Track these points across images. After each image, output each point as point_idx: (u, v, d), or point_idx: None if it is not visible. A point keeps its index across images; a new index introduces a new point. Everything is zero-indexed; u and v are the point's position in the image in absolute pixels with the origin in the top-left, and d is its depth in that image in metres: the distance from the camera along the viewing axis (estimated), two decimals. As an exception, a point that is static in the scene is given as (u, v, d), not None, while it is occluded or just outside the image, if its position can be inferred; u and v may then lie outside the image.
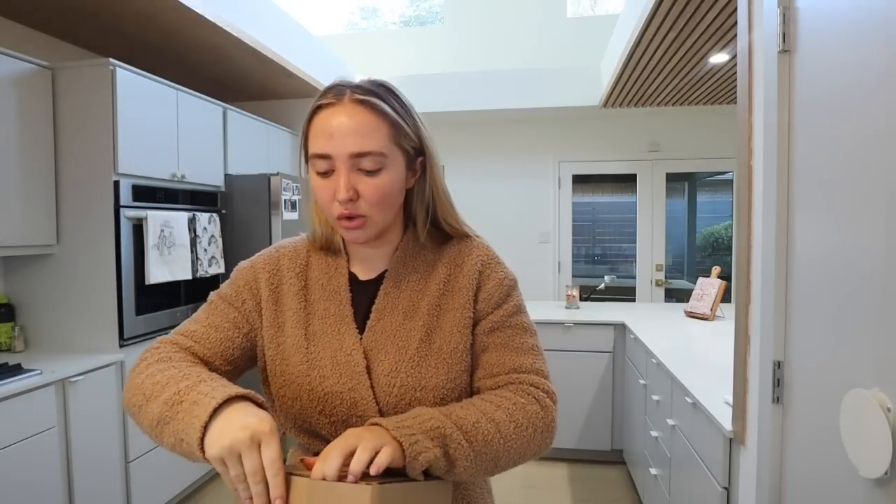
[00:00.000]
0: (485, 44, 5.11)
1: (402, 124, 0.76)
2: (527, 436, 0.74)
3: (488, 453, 0.71)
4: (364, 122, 0.73)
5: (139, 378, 0.72)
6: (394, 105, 0.76)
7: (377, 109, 0.73)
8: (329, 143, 0.72)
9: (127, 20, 2.56)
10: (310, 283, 0.84)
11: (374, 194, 0.74)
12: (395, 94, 0.77)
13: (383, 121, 0.74)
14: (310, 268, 0.86)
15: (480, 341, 0.82)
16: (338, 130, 0.72)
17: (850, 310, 0.92)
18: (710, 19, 2.49)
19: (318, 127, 0.74)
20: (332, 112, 0.73)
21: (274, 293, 0.84)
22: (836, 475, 0.95)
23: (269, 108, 4.06)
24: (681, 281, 4.96)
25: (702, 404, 1.66)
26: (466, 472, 0.69)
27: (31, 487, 1.94)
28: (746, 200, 1.38)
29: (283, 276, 0.85)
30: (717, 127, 4.45)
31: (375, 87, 0.76)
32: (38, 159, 2.29)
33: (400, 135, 0.76)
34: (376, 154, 0.73)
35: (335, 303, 0.82)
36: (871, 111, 0.87)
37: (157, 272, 2.52)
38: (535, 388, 0.79)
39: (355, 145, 0.72)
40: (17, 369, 2.00)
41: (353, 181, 0.73)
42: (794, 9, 1.12)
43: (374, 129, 0.73)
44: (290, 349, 0.80)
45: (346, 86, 0.75)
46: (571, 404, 3.25)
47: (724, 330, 2.82)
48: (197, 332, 0.81)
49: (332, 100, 0.74)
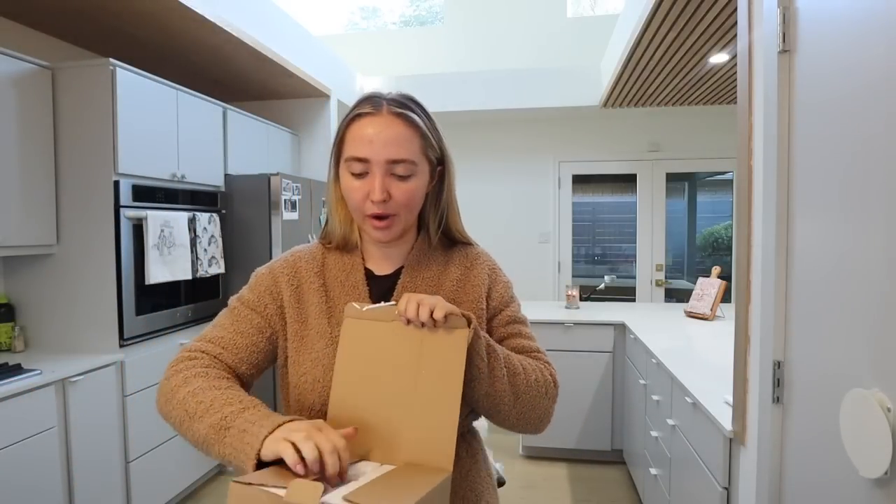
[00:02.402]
0: (485, 44, 5.11)
1: (430, 137, 0.85)
2: (539, 394, 0.85)
3: (512, 380, 0.82)
4: (400, 132, 0.81)
5: (180, 392, 0.77)
6: (424, 119, 0.85)
7: (412, 122, 0.83)
8: (368, 148, 0.80)
9: (127, 20, 2.56)
10: (328, 280, 0.90)
11: (405, 197, 0.83)
12: (424, 108, 0.87)
13: (416, 132, 0.83)
14: (326, 267, 0.92)
15: (500, 332, 0.92)
16: (377, 138, 0.80)
17: (850, 310, 0.92)
18: (710, 19, 2.49)
19: (358, 133, 0.82)
20: (372, 121, 0.81)
21: (296, 292, 0.89)
22: (836, 475, 0.95)
23: (269, 108, 4.06)
24: (681, 281, 4.96)
25: (702, 404, 1.66)
26: (495, 374, 0.79)
27: (31, 487, 1.94)
28: (746, 200, 1.38)
29: (303, 276, 0.90)
30: (717, 127, 4.45)
31: (408, 101, 0.85)
32: (38, 159, 2.29)
33: (428, 146, 0.85)
34: (409, 162, 0.82)
35: (354, 295, 0.88)
36: (872, 111, 0.87)
37: (157, 272, 2.52)
38: (550, 373, 0.90)
39: (392, 153, 0.80)
40: (17, 369, 2.00)
41: (387, 184, 0.81)
42: (794, 9, 1.12)
43: (408, 139, 0.82)
44: (314, 336, 0.86)
45: (382, 98, 0.83)
46: (571, 404, 3.25)
47: (724, 330, 2.82)
48: (224, 338, 0.86)
49: (371, 110, 0.82)
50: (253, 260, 3.11)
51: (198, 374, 0.79)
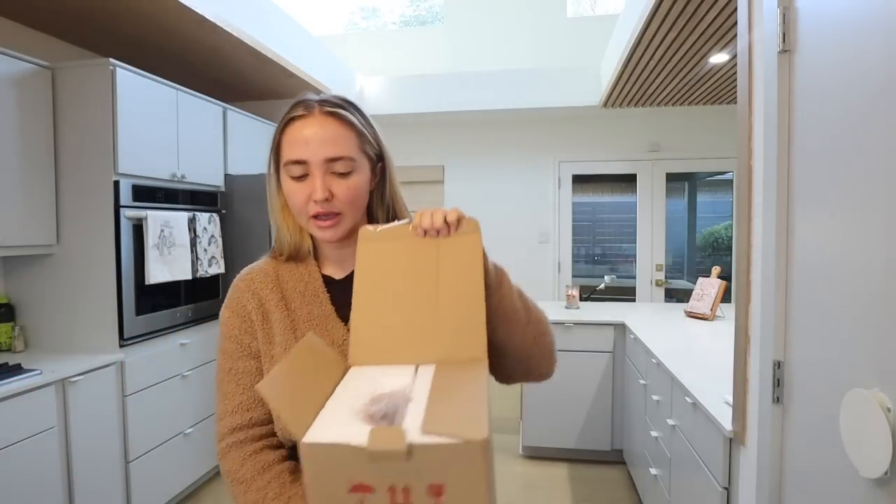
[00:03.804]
0: (485, 44, 5.11)
1: (366, 133, 0.85)
2: (545, 322, 0.87)
3: (521, 297, 0.84)
4: (335, 130, 0.81)
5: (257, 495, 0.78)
6: (358, 117, 0.85)
7: (345, 120, 0.83)
8: (305, 150, 0.80)
9: (127, 20, 2.56)
10: (286, 292, 0.88)
11: (348, 194, 0.82)
12: (358, 107, 0.87)
13: (351, 130, 0.83)
14: (282, 279, 0.89)
15: None
16: (313, 138, 0.80)
17: (850, 310, 0.92)
18: (710, 19, 2.49)
19: (293, 136, 0.82)
20: (305, 123, 0.81)
21: (261, 310, 0.87)
22: (836, 475, 0.95)
23: (269, 108, 4.06)
24: (681, 281, 4.96)
25: (702, 404, 1.66)
26: (504, 287, 0.80)
27: (31, 487, 1.94)
28: (746, 200, 1.38)
29: (262, 294, 0.88)
30: (717, 127, 4.45)
31: (341, 101, 0.85)
32: (38, 159, 2.29)
33: (365, 142, 0.85)
34: (347, 158, 0.81)
35: (316, 304, 0.87)
36: (872, 111, 0.87)
37: (157, 272, 2.52)
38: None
39: (329, 151, 0.80)
40: (17, 369, 2.00)
41: (328, 183, 0.81)
42: (794, 9, 1.12)
43: (343, 137, 0.82)
44: (280, 354, 0.84)
45: (314, 100, 0.83)
46: (571, 404, 3.25)
47: (724, 330, 2.82)
48: (243, 402, 0.85)
49: (303, 112, 0.82)
50: (253, 260, 3.09)
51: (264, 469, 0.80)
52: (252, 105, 4.04)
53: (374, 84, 4.61)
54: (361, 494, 0.57)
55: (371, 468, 0.56)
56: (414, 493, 0.56)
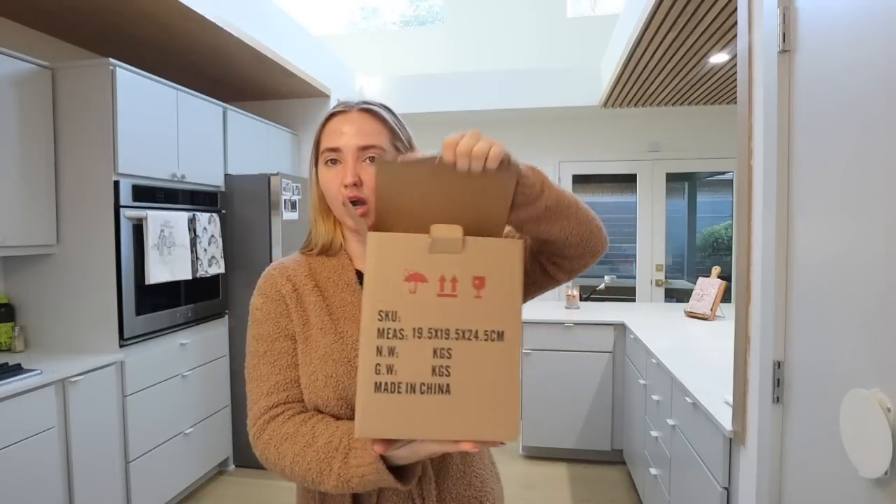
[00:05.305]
0: (485, 44, 5.11)
1: (398, 131, 0.91)
2: (592, 219, 0.87)
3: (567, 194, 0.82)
4: (370, 124, 0.88)
5: (285, 452, 0.79)
6: (392, 117, 0.92)
7: (379, 117, 0.89)
8: (340, 139, 0.87)
9: (127, 20, 2.56)
10: (320, 281, 0.91)
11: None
12: (393, 112, 0.94)
13: (384, 126, 0.89)
14: (314, 270, 0.92)
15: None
16: (347, 129, 0.87)
17: (850, 310, 0.92)
18: (710, 19, 2.49)
19: (331, 129, 0.89)
20: (344, 117, 0.89)
21: (295, 294, 0.90)
22: (836, 475, 0.95)
23: (269, 108, 4.06)
24: (681, 281, 4.96)
25: (702, 404, 1.67)
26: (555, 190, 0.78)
27: (31, 487, 1.94)
28: (746, 200, 1.38)
29: (296, 280, 0.91)
30: (717, 127, 4.45)
31: (379, 104, 0.92)
32: (38, 159, 2.29)
33: (397, 139, 0.90)
34: (378, 148, 0.87)
35: (350, 293, 0.89)
36: (872, 111, 0.87)
37: (157, 272, 2.52)
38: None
39: (362, 140, 0.86)
40: (17, 369, 2.00)
41: (358, 170, 0.86)
42: (794, 9, 1.12)
43: (377, 130, 0.88)
44: (318, 334, 0.86)
45: (352, 102, 0.91)
46: (571, 404, 3.25)
47: (724, 330, 2.82)
48: (280, 382, 0.86)
49: (343, 108, 0.90)
50: (253, 260, 3.12)
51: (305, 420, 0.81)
52: (252, 105, 4.04)
53: (374, 84, 4.61)
54: (415, 283, 0.66)
55: (427, 259, 0.67)
56: (460, 284, 0.67)
